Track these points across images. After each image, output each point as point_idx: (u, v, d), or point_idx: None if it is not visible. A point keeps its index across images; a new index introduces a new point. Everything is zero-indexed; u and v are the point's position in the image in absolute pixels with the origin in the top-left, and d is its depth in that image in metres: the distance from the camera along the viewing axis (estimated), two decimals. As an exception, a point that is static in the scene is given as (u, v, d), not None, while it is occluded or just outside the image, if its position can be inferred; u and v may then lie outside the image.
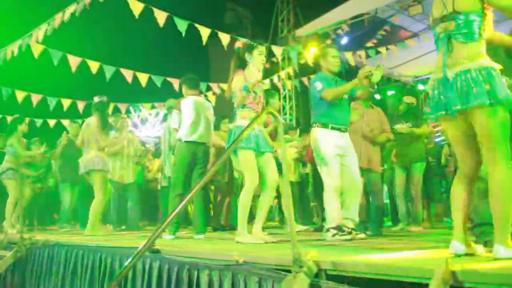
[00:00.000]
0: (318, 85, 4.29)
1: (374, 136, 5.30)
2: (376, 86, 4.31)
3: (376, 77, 4.10)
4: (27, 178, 7.79)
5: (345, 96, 4.41)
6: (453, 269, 1.90)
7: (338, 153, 4.26)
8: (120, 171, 7.28)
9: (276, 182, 4.32)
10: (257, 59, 4.34)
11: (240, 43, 4.59)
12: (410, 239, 4.31)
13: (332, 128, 4.28)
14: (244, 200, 4.17)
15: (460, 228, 2.58)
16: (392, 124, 5.78)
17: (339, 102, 4.34)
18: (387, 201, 7.77)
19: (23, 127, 7.40)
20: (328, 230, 4.16)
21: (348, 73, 10.57)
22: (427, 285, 1.90)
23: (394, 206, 6.60)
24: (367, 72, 4.06)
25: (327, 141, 4.25)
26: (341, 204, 4.27)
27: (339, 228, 4.13)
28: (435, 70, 2.65)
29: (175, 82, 9.20)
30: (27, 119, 7.69)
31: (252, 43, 4.39)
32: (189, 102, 5.28)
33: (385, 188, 7.47)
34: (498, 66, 2.48)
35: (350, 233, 4.15)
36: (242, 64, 4.40)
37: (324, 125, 4.30)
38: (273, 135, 5.59)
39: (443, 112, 2.54)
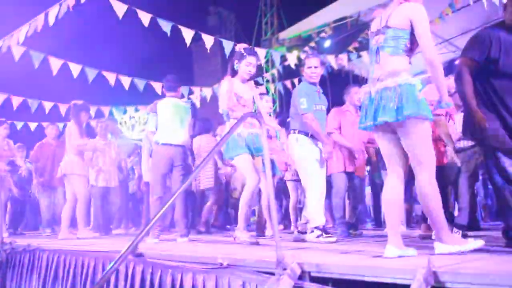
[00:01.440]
0: (303, 103, 4.37)
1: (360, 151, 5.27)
2: None
3: None
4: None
5: (323, 108, 4.53)
6: (435, 270, 1.93)
7: (316, 158, 4.37)
8: (104, 175, 7.16)
9: (253, 186, 4.34)
10: (243, 69, 4.39)
11: (240, 46, 4.53)
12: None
13: (311, 137, 4.41)
14: (243, 199, 4.24)
15: (392, 232, 2.69)
16: None
17: (318, 114, 4.44)
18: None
19: (1, 131, 7.32)
20: (312, 230, 4.18)
21: (331, 76, 10.65)
22: (409, 285, 1.92)
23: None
24: None
25: (308, 146, 4.38)
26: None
27: (323, 230, 4.15)
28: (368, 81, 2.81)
29: (158, 86, 9.13)
30: (7, 123, 7.61)
31: (243, 52, 4.38)
32: (165, 104, 5.24)
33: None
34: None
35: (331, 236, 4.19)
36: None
37: (304, 134, 4.41)
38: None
39: (371, 122, 2.69)
